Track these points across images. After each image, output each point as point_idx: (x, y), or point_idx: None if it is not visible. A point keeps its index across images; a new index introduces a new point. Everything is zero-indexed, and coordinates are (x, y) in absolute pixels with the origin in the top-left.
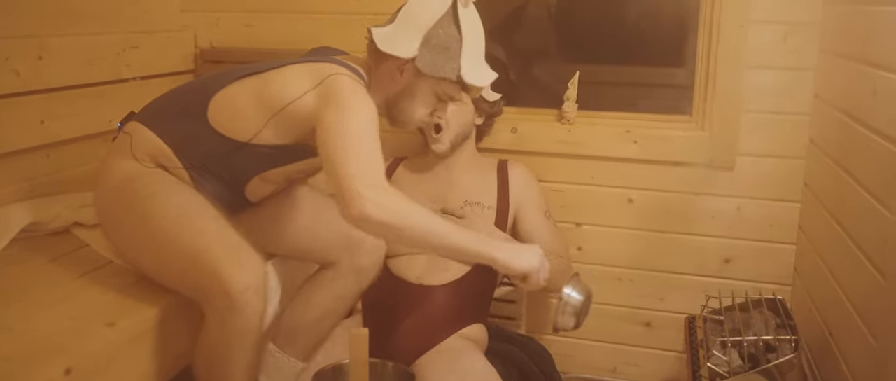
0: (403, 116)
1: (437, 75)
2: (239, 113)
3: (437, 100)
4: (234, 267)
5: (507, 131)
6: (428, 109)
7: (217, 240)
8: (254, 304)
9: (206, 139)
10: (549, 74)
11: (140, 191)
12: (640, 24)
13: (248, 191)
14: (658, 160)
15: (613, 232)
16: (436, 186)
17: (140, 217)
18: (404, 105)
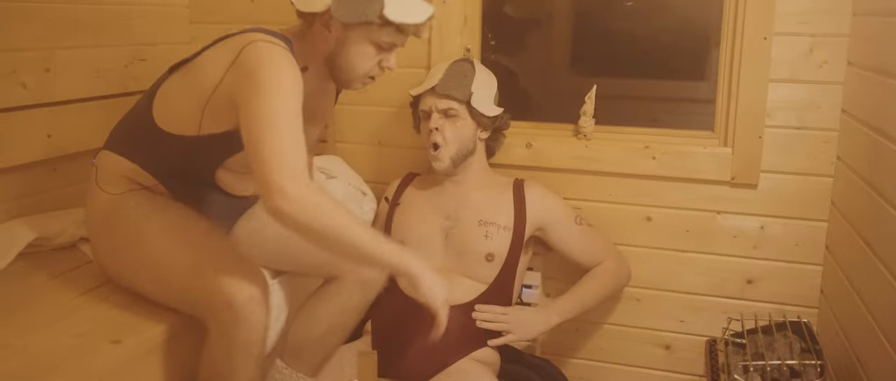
0: (346, 74)
1: (359, 20)
2: (177, 107)
3: (378, 49)
4: (237, 279)
5: (521, 147)
6: (371, 61)
7: (215, 254)
8: (258, 315)
9: (160, 143)
10: (565, 88)
11: (128, 217)
12: (661, 36)
13: (224, 185)
14: (678, 177)
15: (631, 251)
16: (447, 202)
17: (133, 243)
18: (342, 62)
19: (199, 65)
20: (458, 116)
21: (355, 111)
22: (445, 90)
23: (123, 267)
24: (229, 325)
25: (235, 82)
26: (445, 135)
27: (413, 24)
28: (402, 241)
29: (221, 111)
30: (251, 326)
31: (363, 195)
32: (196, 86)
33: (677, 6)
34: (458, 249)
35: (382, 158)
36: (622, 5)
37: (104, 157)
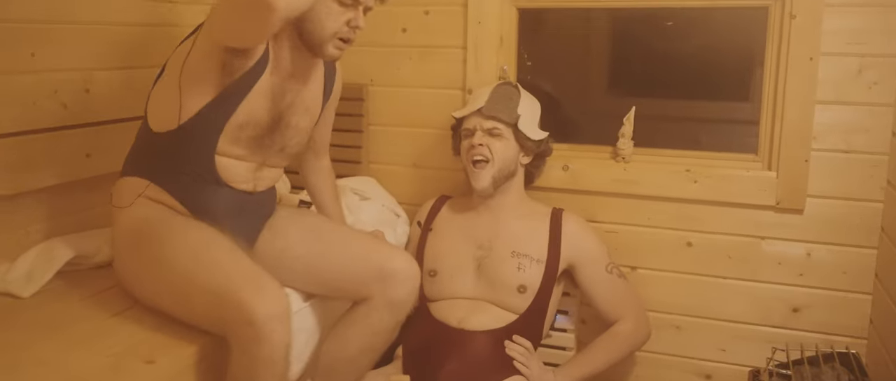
0: (316, 37)
1: None
2: (161, 103)
3: (341, 5)
4: (256, 297)
5: (558, 169)
6: (336, 19)
7: (235, 272)
8: (279, 333)
9: (157, 146)
10: (603, 109)
11: (150, 238)
12: (702, 55)
13: (230, 179)
14: (720, 201)
15: (671, 277)
16: (480, 231)
17: (155, 265)
18: (309, 25)
19: (173, 56)
20: (503, 136)
21: (389, 132)
22: (493, 112)
23: (147, 288)
24: (250, 342)
25: (202, 34)
26: (492, 150)
27: None
28: (435, 269)
29: (197, 79)
30: (273, 343)
31: (397, 217)
32: (172, 71)
33: (719, 25)
34: (490, 278)
35: (416, 180)
36: (662, 25)
37: (120, 182)
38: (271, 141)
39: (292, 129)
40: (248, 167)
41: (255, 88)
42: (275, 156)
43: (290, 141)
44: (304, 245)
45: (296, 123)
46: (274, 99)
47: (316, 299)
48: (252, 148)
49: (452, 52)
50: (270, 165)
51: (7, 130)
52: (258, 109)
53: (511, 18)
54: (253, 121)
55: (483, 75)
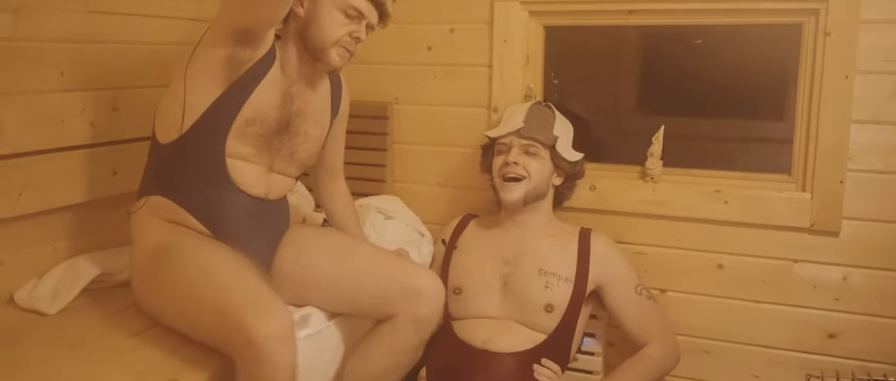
0: (319, 43)
1: None
2: (166, 109)
3: (347, 17)
4: (258, 318)
5: (585, 189)
6: (340, 28)
7: (239, 292)
8: (280, 354)
9: (167, 159)
10: (631, 128)
11: (161, 259)
12: (734, 73)
13: (243, 183)
14: (752, 223)
15: (702, 300)
16: (507, 249)
17: (166, 285)
18: (313, 32)
19: (176, 65)
20: (539, 155)
21: (414, 151)
22: (531, 133)
23: (161, 309)
24: (252, 363)
25: (209, 29)
26: (529, 168)
27: None
28: (460, 286)
29: (202, 75)
30: (275, 365)
31: (421, 237)
32: (176, 76)
33: (750, 42)
34: (516, 296)
35: (441, 199)
36: (691, 43)
37: (136, 205)
38: (280, 143)
39: (301, 135)
40: (258, 170)
41: (263, 83)
42: (284, 161)
43: (300, 147)
44: (329, 262)
45: (305, 130)
46: (282, 100)
47: (340, 317)
48: (259, 147)
49: (478, 71)
50: (281, 172)
51: (35, 147)
52: (266, 105)
53: (537, 36)
54: (260, 117)
55: (509, 94)
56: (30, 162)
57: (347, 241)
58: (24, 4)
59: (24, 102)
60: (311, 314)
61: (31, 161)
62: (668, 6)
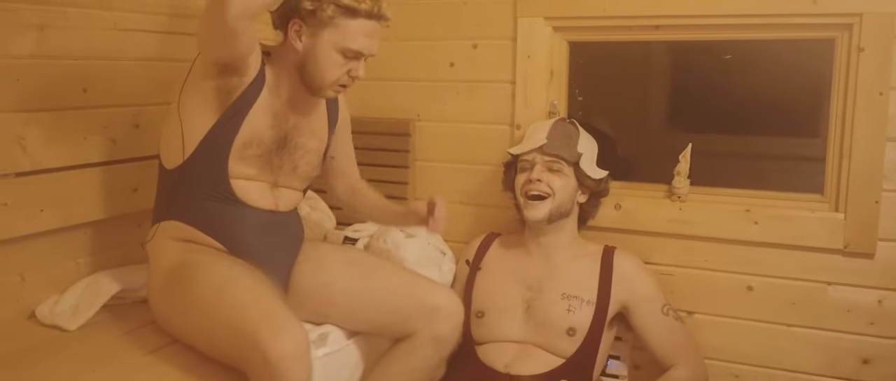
0: (317, 81)
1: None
2: (167, 138)
3: (345, 57)
4: (272, 336)
5: (610, 207)
6: (339, 69)
7: (253, 310)
8: (296, 373)
9: (175, 184)
10: (658, 146)
11: (177, 279)
12: (764, 89)
13: (247, 199)
14: (783, 244)
15: (730, 323)
16: (531, 271)
17: (183, 303)
18: (312, 69)
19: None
20: (563, 172)
21: (436, 168)
22: (554, 150)
23: (178, 328)
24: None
25: (194, 64)
26: (553, 186)
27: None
28: (482, 309)
29: (194, 107)
30: None
31: (442, 255)
32: (172, 107)
33: (781, 58)
34: (539, 321)
35: (464, 218)
36: (720, 58)
37: (151, 231)
38: (281, 161)
39: (301, 149)
40: (264, 187)
41: (255, 107)
42: (288, 176)
43: (300, 160)
44: (347, 279)
45: (303, 144)
46: (276, 119)
47: (359, 336)
48: (261, 167)
49: (501, 87)
50: (286, 186)
51: (58, 164)
52: (261, 127)
53: (561, 52)
54: (256, 139)
55: (532, 111)
56: (51, 178)
57: (365, 258)
58: (48, 22)
59: (47, 119)
60: (329, 333)
61: (52, 178)
62: (696, 21)
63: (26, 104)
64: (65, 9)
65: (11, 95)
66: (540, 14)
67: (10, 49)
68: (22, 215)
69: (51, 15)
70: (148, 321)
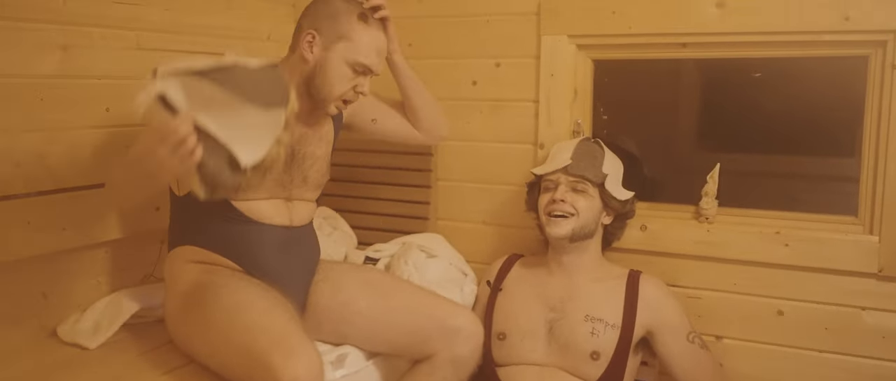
0: (323, 94)
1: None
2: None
3: (353, 73)
4: (285, 360)
5: (635, 229)
6: (347, 83)
7: (267, 334)
8: None
9: (186, 209)
10: (684, 166)
11: (193, 301)
12: (795, 107)
13: (260, 218)
14: (815, 267)
15: (760, 349)
16: (553, 292)
17: (198, 325)
18: (320, 82)
19: None
20: (588, 193)
21: (458, 188)
22: (579, 170)
23: (194, 349)
24: None
25: None
26: (577, 206)
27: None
28: (504, 331)
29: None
30: None
31: (464, 276)
32: None
33: (813, 76)
34: (562, 343)
35: (486, 238)
36: (749, 76)
37: (167, 256)
38: (290, 176)
39: (309, 159)
40: (277, 203)
41: None
42: (300, 187)
43: (310, 170)
44: (366, 300)
45: (311, 153)
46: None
47: (378, 358)
48: (269, 188)
49: (524, 106)
50: (300, 198)
51: (80, 182)
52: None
53: (586, 70)
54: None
55: (556, 130)
56: (74, 197)
57: (385, 278)
58: (72, 42)
59: (70, 138)
60: (347, 354)
61: (75, 196)
62: (724, 39)
63: (49, 123)
64: (88, 29)
65: (35, 113)
66: (564, 32)
67: (34, 68)
68: (44, 233)
69: (74, 35)
70: (166, 341)
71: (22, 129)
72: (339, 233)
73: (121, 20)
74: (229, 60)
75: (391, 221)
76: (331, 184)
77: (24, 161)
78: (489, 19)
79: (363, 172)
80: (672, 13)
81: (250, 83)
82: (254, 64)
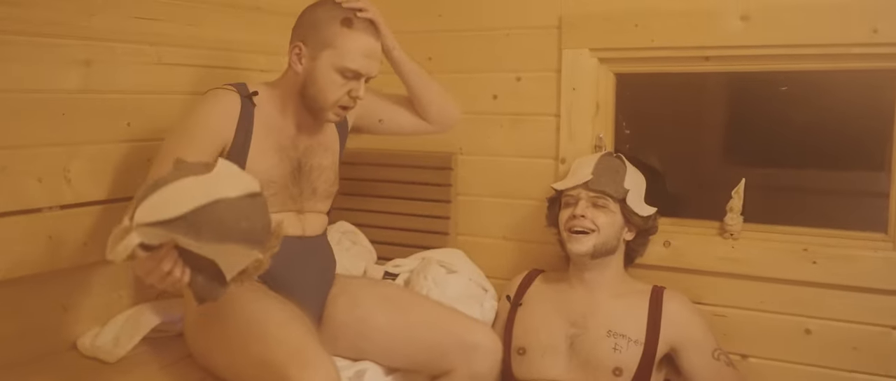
0: (318, 103)
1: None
2: None
3: (343, 79)
4: (300, 371)
5: (658, 245)
6: (339, 90)
7: (283, 345)
8: None
9: None
10: (709, 180)
11: (212, 315)
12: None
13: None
14: (843, 285)
15: (788, 368)
16: (574, 307)
17: (217, 338)
18: (313, 91)
19: None
20: (609, 209)
21: (479, 203)
22: (599, 186)
23: (212, 362)
24: None
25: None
26: (597, 222)
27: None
28: (523, 346)
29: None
30: None
31: (484, 292)
32: None
33: (841, 89)
34: (583, 359)
35: (507, 253)
36: (775, 90)
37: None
38: (299, 189)
39: (316, 170)
40: (288, 216)
41: (252, 155)
42: (309, 200)
43: (318, 180)
44: (384, 315)
45: (318, 164)
46: (283, 152)
47: (397, 373)
48: (282, 200)
49: (545, 120)
50: (311, 211)
51: (101, 197)
52: (264, 169)
53: (608, 84)
54: (266, 182)
55: (577, 144)
56: (95, 211)
57: (403, 293)
58: (94, 57)
59: (91, 153)
60: (366, 370)
61: (96, 211)
62: (749, 52)
63: (71, 138)
64: (111, 44)
65: (57, 128)
66: (585, 45)
67: (57, 83)
68: (65, 247)
69: (97, 50)
70: (185, 355)
71: (44, 143)
72: (359, 248)
73: (142, 35)
74: (209, 198)
75: (411, 236)
76: (350, 199)
77: (46, 175)
78: (509, 33)
79: (383, 186)
80: (695, 26)
81: (232, 218)
82: (235, 193)
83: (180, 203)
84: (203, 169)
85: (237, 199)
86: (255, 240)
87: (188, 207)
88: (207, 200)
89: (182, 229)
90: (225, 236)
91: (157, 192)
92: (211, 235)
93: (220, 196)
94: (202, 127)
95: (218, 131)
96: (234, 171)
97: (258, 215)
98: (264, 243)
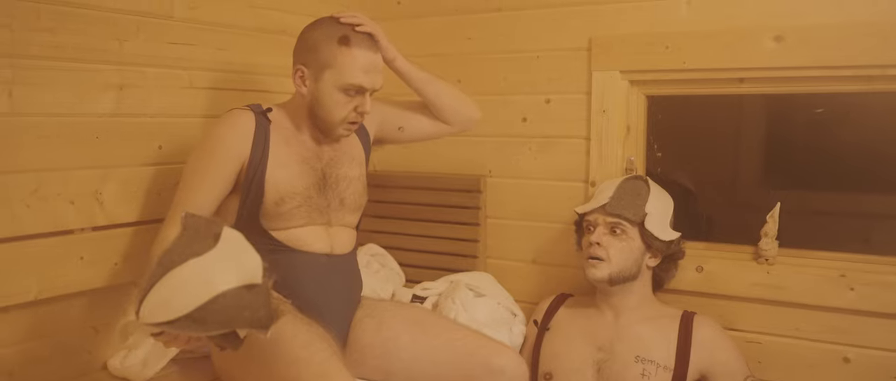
0: (326, 123)
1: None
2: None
3: (347, 97)
4: None
5: (691, 270)
6: (345, 108)
7: (307, 366)
8: None
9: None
10: (743, 204)
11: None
12: (860, 143)
13: (299, 246)
14: (883, 313)
15: None
16: (601, 332)
17: (242, 356)
18: (320, 112)
19: None
20: (626, 234)
21: (508, 226)
22: (617, 209)
23: (236, 376)
24: None
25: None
26: (609, 252)
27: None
28: (550, 371)
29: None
30: None
31: (513, 316)
32: None
33: (879, 111)
34: None
35: (536, 277)
36: (810, 113)
37: None
38: (325, 200)
39: (343, 180)
40: (318, 230)
41: (270, 168)
42: (337, 212)
43: (346, 191)
44: (410, 337)
45: (345, 174)
46: (306, 164)
47: None
48: (309, 212)
49: (575, 143)
50: (339, 224)
51: (133, 219)
52: (286, 180)
53: (639, 107)
54: (288, 192)
55: (608, 167)
56: (126, 233)
57: (429, 316)
58: (127, 82)
59: (123, 175)
60: None
61: (127, 232)
62: (783, 73)
63: (104, 160)
64: (143, 68)
65: (90, 151)
66: (615, 67)
67: (91, 107)
68: (97, 268)
69: (130, 74)
70: (212, 377)
71: (77, 166)
72: (387, 270)
73: (174, 60)
74: (210, 294)
75: (439, 259)
76: (379, 221)
77: (78, 198)
78: (539, 55)
79: (412, 209)
80: (728, 48)
81: (235, 308)
82: (235, 283)
83: (182, 302)
84: (207, 237)
85: (238, 289)
86: (260, 325)
87: (190, 307)
88: (208, 296)
89: (187, 326)
90: (230, 322)
91: (161, 282)
92: (216, 325)
93: (221, 290)
94: (219, 147)
95: (234, 150)
96: (235, 249)
97: (260, 303)
98: (269, 326)
